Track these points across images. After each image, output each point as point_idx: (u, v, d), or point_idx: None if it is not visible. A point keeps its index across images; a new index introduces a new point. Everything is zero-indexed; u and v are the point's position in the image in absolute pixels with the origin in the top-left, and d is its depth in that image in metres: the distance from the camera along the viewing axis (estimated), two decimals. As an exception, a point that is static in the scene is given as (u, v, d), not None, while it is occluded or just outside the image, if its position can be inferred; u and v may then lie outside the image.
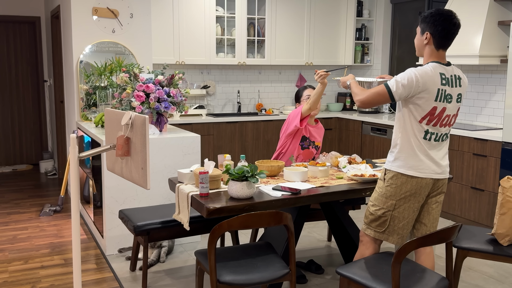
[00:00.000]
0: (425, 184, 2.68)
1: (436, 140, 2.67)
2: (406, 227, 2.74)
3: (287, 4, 6.27)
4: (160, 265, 3.80)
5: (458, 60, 4.92)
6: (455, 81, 2.62)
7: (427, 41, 2.62)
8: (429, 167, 2.66)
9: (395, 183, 2.68)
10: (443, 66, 2.61)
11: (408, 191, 2.67)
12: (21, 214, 5.04)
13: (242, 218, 2.53)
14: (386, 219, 2.72)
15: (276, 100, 6.72)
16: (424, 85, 2.53)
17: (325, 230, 4.61)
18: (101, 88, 4.77)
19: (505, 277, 3.67)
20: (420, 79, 2.53)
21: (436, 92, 2.55)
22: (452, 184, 4.89)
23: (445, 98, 2.58)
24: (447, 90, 2.58)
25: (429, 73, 2.55)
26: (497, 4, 4.84)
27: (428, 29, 2.59)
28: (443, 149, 2.73)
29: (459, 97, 2.67)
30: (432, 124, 2.62)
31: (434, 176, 2.69)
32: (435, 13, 2.57)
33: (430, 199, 2.78)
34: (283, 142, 3.88)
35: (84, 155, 2.09)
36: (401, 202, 2.68)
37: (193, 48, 5.83)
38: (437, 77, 2.55)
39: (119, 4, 5.01)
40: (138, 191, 4.00)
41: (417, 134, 2.63)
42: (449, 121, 2.67)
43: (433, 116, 2.60)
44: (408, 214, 2.72)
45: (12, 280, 3.51)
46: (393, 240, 2.74)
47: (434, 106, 2.57)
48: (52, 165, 7.06)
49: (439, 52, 2.62)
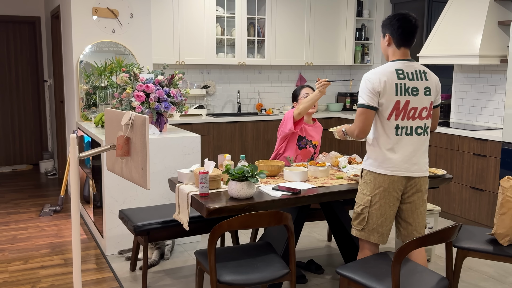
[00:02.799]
0: (397, 180, 2.72)
1: (408, 134, 2.72)
2: (385, 224, 2.77)
3: (287, 4, 6.27)
4: (160, 265, 3.80)
5: (458, 60, 4.93)
6: (419, 75, 2.72)
7: (388, 42, 2.77)
8: (398, 165, 2.71)
9: (369, 179, 2.78)
10: (404, 62, 2.72)
11: (381, 186, 2.73)
12: (21, 214, 5.04)
13: (242, 218, 2.53)
14: (364, 216, 2.79)
15: (276, 100, 6.72)
16: (380, 83, 2.65)
17: (325, 230, 4.61)
18: (101, 88, 4.77)
19: (505, 277, 3.67)
20: (375, 79, 2.66)
21: (394, 86, 2.66)
22: (452, 184, 4.89)
23: (406, 91, 2.68)
24: (407, 83, 2.68)
25: (378, 71, 2.69)
26: (497, 4, 4.84)
27: (387, 30, 2.76)
28: (417, 144, 2.75)
29: (428, 90, 2.74)
30: (401, 118, 2.70)
31: (405, 174, 2.73)
32: (392, 16, 2.76)
33: (411, 198, 2.80)
34: (280, 144, 3.88)
35: (84, 155, 2.09)
36: (376, 198, 2.75)
37: (193, 48, 5.83)
38: (391, 74, 2.67)
39: (119, 4, 5.01)
40: (138, 191, 4.00)
41: (388, 132, 2.71)
42: (418, 114, 2.72)
43: (399, 110, 2.68)
44: (385, 211, 2.75)
45: (12, 280, 3.51)
46: (373, 238, 2.79)
47: (397, 100, 2.67)
48: (52, 165, 7.06)
49: (400, 50, 2.74)
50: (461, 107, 5.49)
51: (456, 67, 5.52)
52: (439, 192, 5.03)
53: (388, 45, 2.78)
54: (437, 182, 3.41)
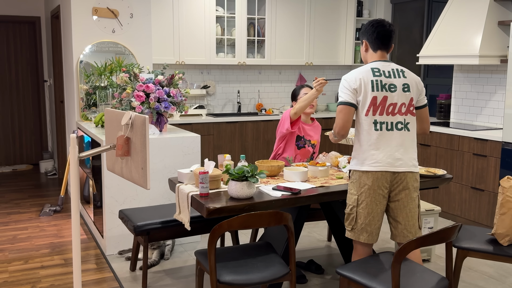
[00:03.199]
0: (381, 177, 2.74)
1: (389, 129, 2.76)
2: (373, 223, 2.78)
3: (287, 4, 6.27)
4: (160, 265, 3.80)
5: (458, 60, 4.93)
6: (396, 73, 2.80)
7: (365, 48, 2.91)
8: (381, 161, 2.74)
9: (355, 178, 2.82)
10: (381, 62, 2.83)
11: (366, 184, 2.76)
12: (21, 214, 5.04)
13: (242, 218, 2.53)
14: (353, 215, 2.82)
15: (276, 100, 6.72)
16: (356, 81, 2.76)
17: (325, 230, 4.61)
18: (101, 88, 4.77)
19: (505, 277, 3.67)
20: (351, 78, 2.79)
21: (370, 83, 2.75)
22: (452, 184, 4.89)
23: (383, 87, 2.75)
24: (383, 80, 2.76)
25: (355, 70, 2.81)
26: (497, 4, 4.84)
27: (364, 37, 2.91)
28: (399, 140, 2.77)
29: (406, 87, 2.79)
30: (378, 114, 2.75)
31: (389, 169, 2.74)
32: (368, 23, 2.90)
33: (398, 196, 2.80)
34: (278, 144, 3.88)
35: (84, 155, 2.09)
36: (362, 197, 2.77)
37: (193, 48, 5.83)
38: (367, 72, 2.78)
39: (119, 4, 5.01)
40: (138, 191, 4.00)
41: (367, 128, 2.77)
42: (397, 110, 2.76)
43: (376, 106, 2.75)
44: (372, 209, 2.77)
45: (12, 280, 3.51)
46: (363, 238, 2.80)
47: (373, 96, 2.74)
48: (52, 165, 7.06)
49: (377, 53, 2.87)
50: (461, 107, 5.49)
51: (456, 67, 5.52)
52: (439, 192, 5.03)
53: (366, 50, 2.91)
54: (437, 182, 3.41)
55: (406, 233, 2.82)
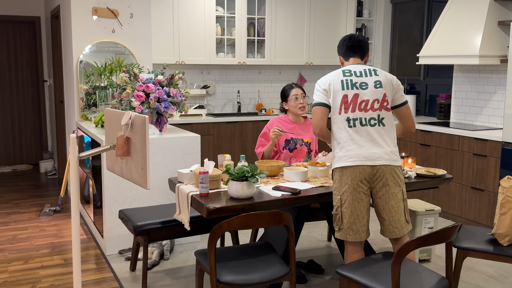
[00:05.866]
0: (358, 174, 2.77)
1: (363, 124, 2.82)
2: (358, 221, 2.81)
3: (287, 4, 6.27)
4: (160, 265, 3.80)
5: (458, 60, 4.93)
6: (368, 72, 2.90)
7: (341, 62, 3.09)
8: (358, 155, 2.78)
9: (336, 177, 2.86)
10: (353, 65, 2.95)
11: (346, 183, 2.79)
12: (21, 214, 5.04)
13: (242, 218, 2.53)
14: (339, 216, 2.85)
15: (276, 100, 6.72)
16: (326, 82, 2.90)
17: (325, 230, 4.61)
18: (101, 88, 4.77)
19: (505, 277, 3.67)
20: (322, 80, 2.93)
21: (340, 83, 2.86)
22: (452, 184, 4.89)
23: (354, 85, 2.85)
24: (353, 79, 2.86)
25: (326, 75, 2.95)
26: (497, 4, 4.84)
27: (339, 53, 3.08)
28: (374, 135, 2.81)
29: (378, 83, 2.86)
30: (350, 110, 2.83)
31: (367, 163, 2.77)
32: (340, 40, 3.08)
33: (380, 192, 2.82)
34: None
35: (84, 155, 2.09)
36: (345, 196, 2.81)
37: (193, 48, 5.83)
38: (337, 74, 2.90)
39: (119, 4, 5.01)
40: (138, 191, 4.00)
41: (341, 126, 2.85)
42: (370, 106, 2.83)
43: (347, 103, 2.83)
44: (355, 208, 2.79)
45: (12, 280, 3.51)
46: (350, 237, 2.83)
47: (344, 94, 2.84)
48: (52, 165, 7.06)
49: (350, 60, 3.02)
50: (461, 107, 5.49)
51: (456, 67, 5.52)
52: (439, 192, 5.03)
53: (342, 64, 3.07)
54: (437, 182, 3.41)
55: (392, 228, 2.85)
